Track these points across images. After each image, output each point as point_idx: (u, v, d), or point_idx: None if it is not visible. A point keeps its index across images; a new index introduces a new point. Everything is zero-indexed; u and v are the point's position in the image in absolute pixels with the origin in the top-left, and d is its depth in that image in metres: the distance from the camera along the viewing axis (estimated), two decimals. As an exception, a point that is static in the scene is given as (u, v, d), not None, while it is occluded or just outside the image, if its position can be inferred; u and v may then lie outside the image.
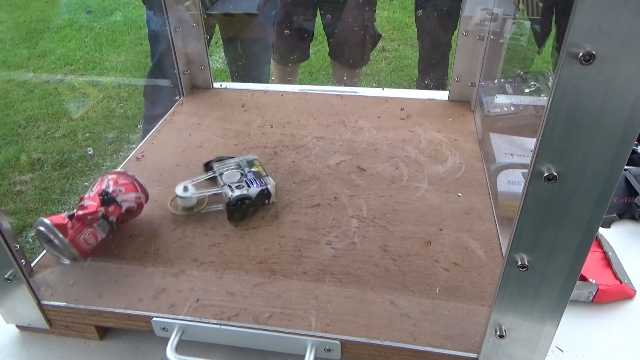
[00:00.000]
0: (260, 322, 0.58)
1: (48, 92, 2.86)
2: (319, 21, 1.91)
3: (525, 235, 0.43)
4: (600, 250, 0.71)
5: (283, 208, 0.76)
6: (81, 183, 2.16)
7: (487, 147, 0.86)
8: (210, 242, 0.70)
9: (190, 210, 0.75)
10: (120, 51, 3.28)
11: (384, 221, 0.73)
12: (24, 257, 0.60)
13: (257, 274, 0.64)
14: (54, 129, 2.52)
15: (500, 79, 1.04)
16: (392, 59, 3.04)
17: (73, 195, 2.09)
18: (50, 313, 0.62)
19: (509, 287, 0.46)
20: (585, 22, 0.32)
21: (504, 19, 0.95)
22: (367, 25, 1.85)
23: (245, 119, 1.00)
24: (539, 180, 0.39)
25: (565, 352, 0.60)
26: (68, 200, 2.06)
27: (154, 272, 0.65)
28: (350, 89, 1.11)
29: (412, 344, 0.55)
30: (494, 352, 0.52)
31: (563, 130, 0.36)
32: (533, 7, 1.63)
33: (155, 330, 0.59)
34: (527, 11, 1.62)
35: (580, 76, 0.34)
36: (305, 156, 0.88)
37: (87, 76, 3.03)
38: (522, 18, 1.63)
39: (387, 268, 0.65)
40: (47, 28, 3.63)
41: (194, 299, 0.61)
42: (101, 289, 0.63)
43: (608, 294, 0.65)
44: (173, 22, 1.00)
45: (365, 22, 1.84)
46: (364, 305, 0.60)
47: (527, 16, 1.64)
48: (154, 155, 0.89)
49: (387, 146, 0.90)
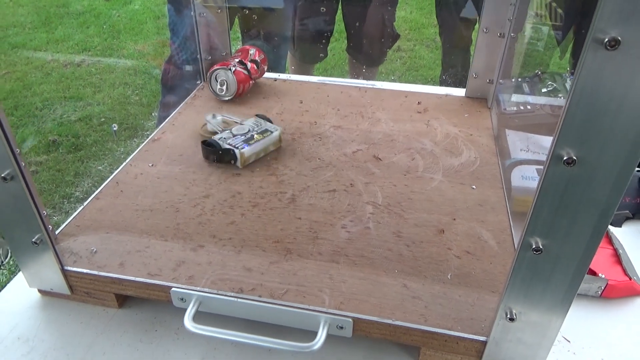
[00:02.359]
0: (276, 297, 0.59)
1: (65, 76, 2.90)
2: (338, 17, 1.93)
3: (542, 219, 0.44)
4: (610, 247, 0.72)
5: (300, 192, 0.77)
6: (94, 166, 2.19)
7: (503, 143, 0.88)
8: (228, 220, 0.71)
9: (214, 134, 0.88)
10: (138, 39, 3.32)
11: (398, 209, 0.74)
12: (50, 224, 0.62)
13: (274, 252, 0.66)
14: (69, 112, 2.56)
15: (517, 77, 1.05)
16: (408, 59, 3.05)
17: (86, 177, 2.12)
18: (72, 279, 0.64)
19: (522, 271, 0.47)
20: (612, 8, 0.33)
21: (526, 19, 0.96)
22: (387, 24, 1.86)
23: (265, 105, 1.02)
24: (558, 163, 0.40)
25: (572, 342, 0.62)
26: (81, 183, 2.09)
27: (173, 245, 0.67)
28: (369, 82, 1.13)
29: (423, 324, 0.56)
30: (503, 336, 0.53)
31: (585, 115, 0.38)
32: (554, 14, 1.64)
33: (174, 300, 0.61)
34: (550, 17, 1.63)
35: (604, 62, 0.35)
36: (322, 144, 0.89)
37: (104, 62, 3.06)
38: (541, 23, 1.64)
39: (401, 253, 0.66)
40: (67, 13, 3.68)
41: (212, 272, 0.62)
42: (123, 258, 0.65)
43: (617, 289, 0.66)
44: (198, 8, 1.02)
45: (385, 21, 1.85)
46: (377, 286, 0.61)
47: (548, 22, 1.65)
48: (176, 136, 0.91)
49: (403, 138, 0.91)
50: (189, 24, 1.05)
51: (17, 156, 0.54)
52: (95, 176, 2.13)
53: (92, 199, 0.75)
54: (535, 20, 1.58)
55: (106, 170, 2.14)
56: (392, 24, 1.90)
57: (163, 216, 0.72)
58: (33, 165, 2.18)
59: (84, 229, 0.69)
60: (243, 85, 1.02)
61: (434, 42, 3.17)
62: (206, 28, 1.06)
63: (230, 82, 1.00)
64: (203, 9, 1.03)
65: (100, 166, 2.20)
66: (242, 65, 1.02)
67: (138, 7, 3.81)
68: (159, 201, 0.75)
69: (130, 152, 0.89)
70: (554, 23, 1.68)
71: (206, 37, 1.08)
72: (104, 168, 2.17)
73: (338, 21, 1.95)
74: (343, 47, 2.07)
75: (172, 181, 0.79)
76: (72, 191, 2.05)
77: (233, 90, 1.01)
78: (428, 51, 3.12)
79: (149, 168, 0.82)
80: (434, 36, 3.23)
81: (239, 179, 0.80)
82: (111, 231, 0.69)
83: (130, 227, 0.70)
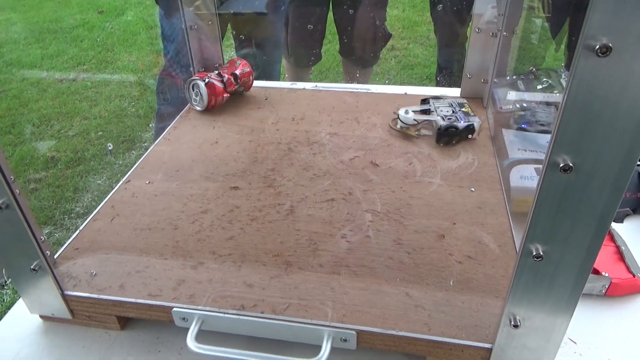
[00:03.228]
0: (278, 313, 0.59)
1: (61, 91, 2.90)
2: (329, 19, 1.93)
3: (541, 225, 0.43)
4: (613, 244, 0.71)
5: (298, 202, 0.77)
6: (94, 181, 2.19)
7: (500, 143, 0.87)
8: (227, 235, 0.71)
9: (406, 129, 0.92)
10: (132, 50, 3.32)
11: (397, 215, 0.74)
12: (48, 249, 0.62)
13: (274, 266, 0.66)
14: (67, 128, 2.56)
15: (512, 75, 1.05)
16: (402, 58, 3.05)
17: (86, 193, 2.12)
18: (73, 303, 0.64)
19: (523, 277, 0.47)
20: (602, 15, 0.33)
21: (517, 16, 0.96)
22: (378, 24, 1.86)
23: (260, 115, 1.02)
24: (554, 170, 0.40)
25: (579, 343, 0.61)
26: (81, 198, 2.09)
27: (173, 264, 0.66)
28: (363, 86, 1.12)
29: (427, 334, 0.56)
30: (508, 342, 0.52)
31: (579, 121, 0.37)
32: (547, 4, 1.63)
33: (176, 320, 0.61)
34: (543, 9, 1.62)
35: (596, 69, 0.35)
36: (319, 152, 0.89)
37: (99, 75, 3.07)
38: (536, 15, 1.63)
39: (402, 261, 0.66)
40: (60, 28, 3.68)
41: (212, 289, 0.62)
42: (122, 280, 0.64)
43: (621, 287, 0.66)
44: (188, 20, 1.02)
45: (376, 21, 1.85)
46: (379, 296, 0.61)
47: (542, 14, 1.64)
48: (171, 151, 0.91)
49: (399, 142, 0.91)
50: (182, 35, 1.05)
51: (11, 184, 0.54)
52: (95, 191, 2.13)
53: (89, 220, 0.75)
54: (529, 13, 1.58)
55: (106, 184, 2.14)
56: (383, 24, 1.90)
57: (161, 234, 0.71)
58: (32, 183, 2.18)
59: (83, 251, 0.69)
60: (215, 97, 1.02)
61: (428, 40, 3.16)
62: (197, 40, 1.06)
63: (203, 94, 1.01)
64: (194, 21, 1.03)
65: (99, 180, 2.20)
66: (219, 78, 1.02)
67: (131, 18, 3.81)
68: (157, 219, 0.74)
69: (128, 164, 0.89)
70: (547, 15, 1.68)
71: (198, 49, 1.08)
72: (103, 182, 2.17)
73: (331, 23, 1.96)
74: (337, 49, 2.07)
75: (170, 198, 0.78)
76: (73, 207, 2.04)
77: (205, 102, 1.02)
78: (422, 49, 3.12)
79: (146, 186, 0.82)
80: (428, 33, 3.24)
81: (236, 193, 0.79)
82: (110, 252, 0.69)
83: (129, 247, 0.69)
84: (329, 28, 1.99)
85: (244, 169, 0.85)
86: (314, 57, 1.99)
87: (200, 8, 1.03)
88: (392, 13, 3.50)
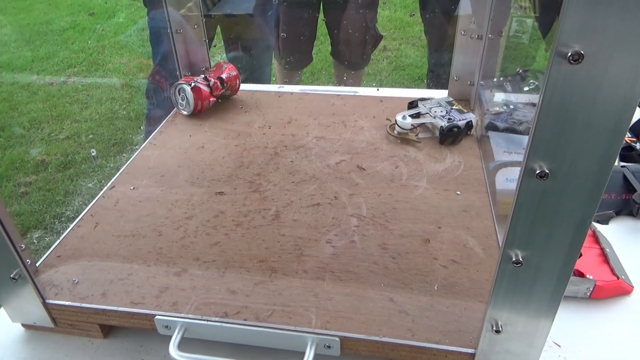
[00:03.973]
0: (262, 320, 0.59)
1: (52, 94, 2.88)
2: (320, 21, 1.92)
3: (520, 231, 0.43)
4: (597, 246, 0.71)
5: (284, 207, 0.76)
6: (85, 184, 2.18)
7: (486, 146, 0.87)
8: (212, 241, 0.71)
9: (405, 135, 0.92)
10: (123, 53, 3.31)
11: (383, 220, 0.73)
12: (29, 257, 0.61)
13: (258, 273, 0.65)
14: (57, 131, 2.54)
15: (499, 77, 1.05)
16: (394, 58, 3.05)
17: (77, 196, 2.10)
18: (55, 312, 0.63)
19: (504, 283, 0.47)
20: (574, 22, 0.33)
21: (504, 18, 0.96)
22: (369, 26, 1.86)
23: (246, 119, 1.01)
24: (531, 177, 0.40)
25: (563, 347, 0.61)
26: (72, 202, 2.08)
27: (157, 271, 0.66)
28: (350, 89, 1.12)
29: (411, 339, 0.56)
30: (491, 347, 0.52)
31: (554, 128, 0.37)
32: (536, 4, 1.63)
33: (158, 328, 0.60)
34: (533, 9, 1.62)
35: (569, 75, 0.35)
36: (305, 156, 0.89)
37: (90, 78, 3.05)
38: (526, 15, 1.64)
39: (386, 266, 0.66)
40: (50, 30, 3.66)
41: (196, 297, 0.62)
42: (105, 288, 0.64)
43: (605, 289, 0.66)
44: (174, 25, 1.01)
45: (367, 22, 1.85)
46: (363, 302, 0.61)
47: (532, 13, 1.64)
48: (157, 156, 0.90)
49: (386, 145, 0.91)
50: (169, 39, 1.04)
51: (-12, 193, 0.53)
52: (86, 194, 2.12)
53: (72, 227, 0.74)
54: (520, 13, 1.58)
55: (96, 188, 2.13)
56: (374, 25, 1.90)
57: (145, 241, 0.71)
58: (22, 187, 2.17)
59: (65, 259, 0.69)
60: (202, 102, 1.01)
61: (420, 40, 3.17)
62: (184, 44, 1.05)
63: (189, 98, 1.00)
64: (179, 25, 1.03)
65: (90, 183, 2.19)
66: (206, 82, 1.02)
67: (122, 20, 3.79)
68: (141, 225, 0.74)
69: (119, 167, 0.88)
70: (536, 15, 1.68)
71: (184, 53, 1.07)
72: (94, 185, 2.16)
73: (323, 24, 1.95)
74: (329, 50, 2.07)
75: (154, 204, 0.78)
76: (63, 210, 2.03)
77: (192, 106, 1.01)
78: (414, 49, 3.12)
79: (130, 191, 0.81)
80: (419, 34, 3.24)
81: (222, 198, 0.79)
82: (93, 260, 0.68)
83: (112, 255, 0.69)
84: (321, 29, 1.98)
85: (230, 174, 0.84)
86: (305, 60, 1.99)
87: (186, 12, 1.03)
88: (383, 14, 3.50)
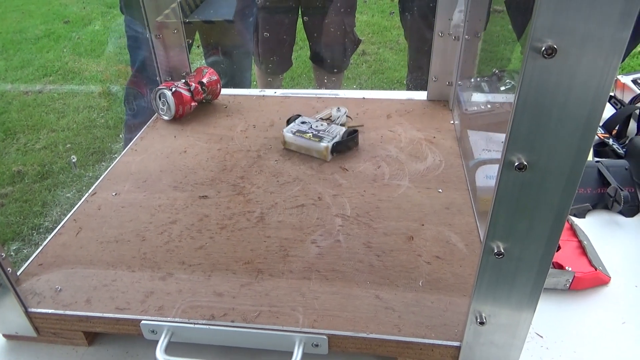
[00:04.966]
0: (249, 321, 0.59)
1: (27, 103, 2.83)
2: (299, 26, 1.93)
3: (500, 223, 0.44)
4: (575, 239, 0.73)
5: (268, 209, 0.77)
6: (63, 194, 2.14)
7: (466, 144, 0.89)
8: (197, 244, 0.70)
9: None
10: (100, 61, 3.26)
11: (367, 219, 0.74)
12: (9, 266, 0.60)
13: (245, 274, 0.65)
14: (34, 141, 2.49)
15: (477, 77, 1.07)
16: (373, 62, 3.08)
17: (55, 206, 2.06)
18: (37, 320, 0.62)
19: (487, 275, 0.48)
20: (547, 18, 0.34)
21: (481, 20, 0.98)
22: (348, 30, 1.88)
23: (228, 123, 1.01)
24: (510, 169, 0.41)
25: (545, 337, 0.63)
26: (50, 212, 2.04)
27: (141, 276, 0.65)
28: (332, 92, 1.13)
29: (397, 335, 0.56)
30: (476, 339, 0.53)
31: (530, 121, 0.38)
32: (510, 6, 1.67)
33: (144, 333, 0.60)
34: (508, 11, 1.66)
35: (543, 69, 0.36)
36: (288, 158, 0.89)
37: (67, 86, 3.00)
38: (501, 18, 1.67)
39: (372, 263, 0.66)
40: (24, 39, 3.59)
41: (182, 300, 0.61)
42: (89, 294, 0.63)
43: (584, 280, 0.68)
44: (154, 30, 1.01)
45: (345, 26, 1.86)
46: (349, 300, 0.61)
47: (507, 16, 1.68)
48: (138, 161, 0.90)
49: (368, 146, 0.92)
50: (148, 44, 1.04)
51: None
52: (64, 204, 2.08)
53: (54, 234, 0.73)
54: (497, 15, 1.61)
55: (75, 197, 2.09)
56: (352, 29, 1.92)
57: (129, 246, 0.70)
58: (-2, 198, 2.12)
59: (47, 266, 0.67)
60: (183, 106, 1.01)
61: (398, 44, 3.21)
62: (163, 49, 1.05)
63: (170, 103, 1.00)
64: (159, 30, 1.02)
65: (69, 193, 2.15)
66: (186, 87, 1.01)
67: (99, 28, 3.75)
68: (125, 231, 0.73)
69: (99, 176, 0.87)
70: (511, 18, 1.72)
71: (164, 58, 1.07)
72: (73, 195, 2.12)
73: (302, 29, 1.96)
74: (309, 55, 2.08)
75: (137, 209, 0.77)
76: (41, 222, 1.99)
77: (173, 111, 1.01)
78: (392, 53, 3.16)
79: (112, 197, 0.80)
80: (397, 38, 3.28)
81: (205, 202, 0.79)
82: (75, 267, 0.67)
83: (95, 261, 0.68)
84: (300, 34, 2.00)
85: (213, 178, 0.84)
86: (284, 65, 2.00)
87: (164, 18, 1.02)
88: (361, 19, 3.53)
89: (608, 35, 0.34)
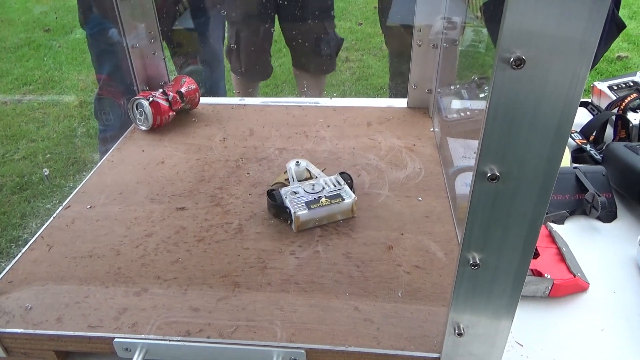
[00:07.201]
0: (225, 336, 0.57)
1: (5, 113, 2.77)
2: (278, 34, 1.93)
3: (475, 234, 0.44)
4: (554, 246, 0.73)
5: (247, 220, 0.76)
6: (43, 205, 2.10)
7: (445, 152, 0.89)
8: (173, 258, 0.69)
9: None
10: (81, 69, 3.22)
11: (346, 228, 0.73)
12: (-24, 284, 0.58)
13: (221, 288, 0.64)
14: (12, 151, 2.45)
15: (456, 84, 1.07)
16: (357, 69, 3.09)
17: (34, 218, 2.02)
18: (6, 341, 0.60)
19: (463, 286, 0.47)
20: (514, 29, 0.34)
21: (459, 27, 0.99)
22: (328, 31, 1.88)
23: (207, 133, 1.00)
24: (483, 180, 0.40)
25: (525, 346, 0.62)
26: (29, 224, 2.00)
27: (115, 292, 0.64)
28: (312, 100, 1.12)
29: (376, 347, 0.56)
30: (454, 351, 0.53)
31: (501, 132, 0.38)
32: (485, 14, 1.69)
33: (118, 351, 0.58)
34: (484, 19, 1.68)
35: (512, 80, 0.36)
36: (267, 168, 0.88)
37: (47, 95, 2.96)
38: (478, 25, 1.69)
39: (351, 274, 0.66)
40: (3, 48, 3.54)
41: (157, 316, 0.60)
42: (60, 312, 0.61)
43: (563, 287, 0.68)
44: (130, 39, 0.99)
45: (325, 28, 1.87)
46: (328, 312, 0.60)
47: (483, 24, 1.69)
48: (114, 173, 0.88)
49: (348, 155, 0.91)
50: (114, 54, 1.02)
51: None
52: (44, 216, 2.04)
53: (25, 250, 0.71)
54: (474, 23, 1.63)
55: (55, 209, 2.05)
56: (333, 29, 1.92)
57: (103, 261, 0.69)
58: (-25, 211, 2.07)
59: (17, 284, 0.65)
60: (160, 116, 1.00)
61: (381, 51, 3.22)
62: (140, 58, 1.04)
63: (147, 113, 0.98)
64: (135, 40, 1.01)
65: (48, 204, 2.11)
66: (164, 96, 1.00)
67: (80, 36, 3.70)
68: (99, 245, 0.71)
69: (76, 186, 0.85)
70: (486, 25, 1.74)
71: (141, 67, 1.05)
72: (53, 206, 2.08)
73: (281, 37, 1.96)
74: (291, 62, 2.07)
75: (112, 222, 0.76)
76: (20, 234, 1.95)
77: (150, 121, 0.99)
78: (376, 60, 3.17)
79: (87, 210, 0.78)
80: (381, 44, 3.29)
81: (182, 214, 0.77)
82: (47, 283, 0.65)
83: (67, 277, 0.66)
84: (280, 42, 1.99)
85: (191, 189, 0.83)
86: (263, 73, 2.00)
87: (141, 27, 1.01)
88: (344, 25, 3.55)
89: (576, 43, 0.34)
